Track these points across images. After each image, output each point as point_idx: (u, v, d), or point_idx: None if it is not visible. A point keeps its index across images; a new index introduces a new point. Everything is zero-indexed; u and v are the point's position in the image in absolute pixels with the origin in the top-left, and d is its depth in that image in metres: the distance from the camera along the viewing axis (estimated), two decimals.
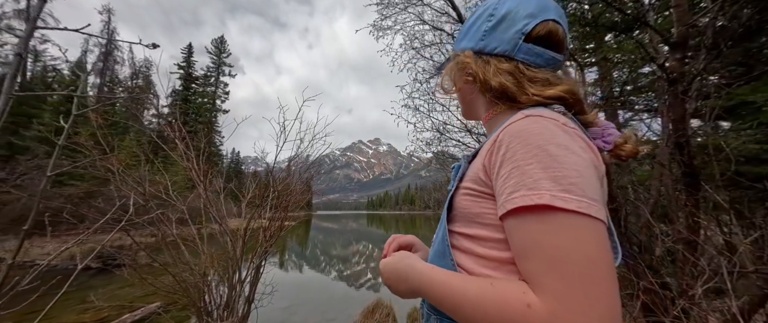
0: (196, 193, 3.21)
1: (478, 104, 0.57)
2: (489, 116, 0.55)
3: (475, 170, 0.46)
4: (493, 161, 0.42)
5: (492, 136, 0.46)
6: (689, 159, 1.57)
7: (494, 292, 0.36)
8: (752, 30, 2.41)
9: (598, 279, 0.32)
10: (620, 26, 2.62)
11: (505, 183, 0.39)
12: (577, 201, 0.34)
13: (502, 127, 0.43)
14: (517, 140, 0.40)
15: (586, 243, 0.33)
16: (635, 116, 4.32)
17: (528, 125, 0.40)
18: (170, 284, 2.63)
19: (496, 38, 0.51)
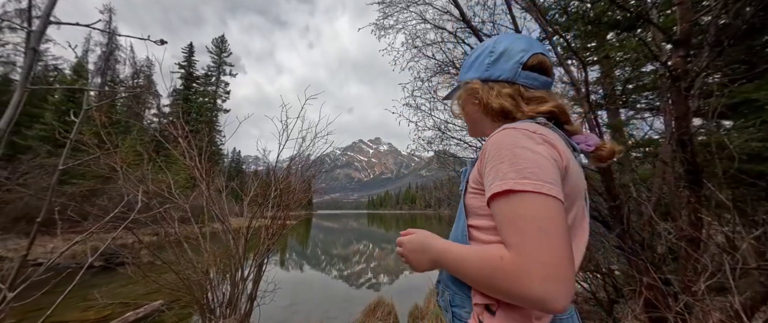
0: (199, 191, 3.22)
1: (484, 124, 0.69)
2: (492, 133, 0.67)
3: (474, 172, 0.60)
4: (482, 165, 0.56)
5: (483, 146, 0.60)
6: (692, 157, 1.57)
7: (482, 252, 0.50)
8: (755, 28, 2.41)
9: (547, 236, 0.43)
10: (623, 24, 2.61)
11: (487, 179, 0.52)
12: (532, 184, 0.46)
13: (489, 139, 0.57)
14: (495, 147, 0.53)
15: (538, 211, 0.45)
16: (637, 114, 4.32)
17: (502, 136, 0.54)
18: (173, 281, 2.64)
19: (499, 68, 0.64)
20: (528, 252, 0.43)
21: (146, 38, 0.77)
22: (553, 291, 0.41)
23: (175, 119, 3.05)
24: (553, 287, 0.41)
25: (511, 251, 0.45)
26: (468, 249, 0.54)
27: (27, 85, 0.59)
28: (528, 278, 0.42)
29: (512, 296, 0.45)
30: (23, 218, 11.39)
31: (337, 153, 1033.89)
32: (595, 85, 4.15)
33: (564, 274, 0.42)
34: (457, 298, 0.59)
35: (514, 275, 0.44)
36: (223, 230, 3.04)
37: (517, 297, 0.44)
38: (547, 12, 3.37)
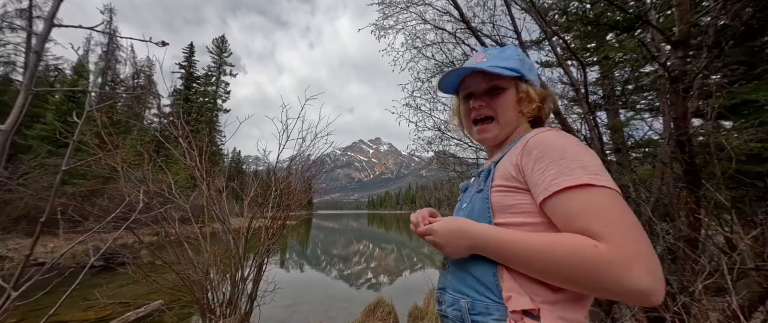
0: (199, 191, 3.23)
1: (512, 124, 0.70)
2: (519, 132, 0.70)
3: (503, 170, 0.60)
4: (525, 162, 0.56)
5: (517, 144, 0.61)
6: (690, 158, 1.57)
7: (563, 239, 0.48)
8: (754, 29, 2.41)
9: (640, 231, 0.45)
10: (622, 25, 2.62)
11: (544, 174, 0.52)
12: (609, 181, 0.49)
13: (525, 138, 0.60)
14: (545, 145, 0.55)
15: (616, 204, 0.47)
16: (637, 115, 4.32)
17: (551, 136, 0.57)
18: (174, 281, 2.65)
19: (534, 77, 0.70)
20: (629, 243, 0.43)
21: (148, 40, 0.78)
22: (657, 284, 0.41)
23: (176, 119, 3.06)
24: (657, 279, 0.41)
25: (606, 241, 0.44)
26: (533, 236, 0.50)
27: (31, 87, 0.60)
28: (636, 269, 0.41)
29: (611, 287, 0.42)
30: (24, 217, 11.41)
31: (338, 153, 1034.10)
32: (595, 85, 4.16)
33: (659, 268, 0.42)
34: (479, 305, 0.53)
35: (618, 265, 0.42)
36: (223, 230, 3.05)
37: (617, 289, 0.42)
38: (546, 13, 3.38)
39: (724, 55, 2.29)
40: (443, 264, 0.68)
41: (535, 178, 0.53)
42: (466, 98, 0.73)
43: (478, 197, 0.62)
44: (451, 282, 0.62)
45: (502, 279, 0.53)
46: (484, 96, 0.69)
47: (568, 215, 0.48)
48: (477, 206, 0.61)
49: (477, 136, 0.72)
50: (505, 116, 0.68)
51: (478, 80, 0.69)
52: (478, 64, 0.67)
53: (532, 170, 0.54)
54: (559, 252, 0.46)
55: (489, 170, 0.64)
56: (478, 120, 0.70)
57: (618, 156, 3.85)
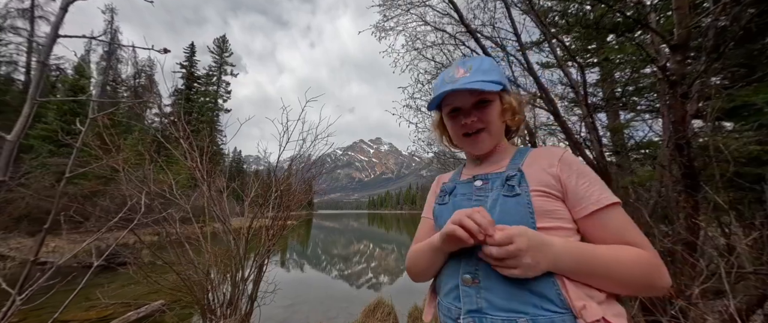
0: (200, 192, 3.24)
1: (499, 136, 0.74)
2: (504, 145, 0.76)
3: (540, 178, 0.62)
4: (566, 174, 0.62)
5: (544, 156, 0.66)
6: (689, 161, 1.58)
7: (626, 252, 0.54)
8: (754, 32, 2.41)
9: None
10: (621, 28, 2.62)
11: (590, 189, 0.60)
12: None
13: (555, 153, 0.66)
14: (579, 163, 0.64)
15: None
16: (637, 116, 4.32)
17: (571, 155, 0.67)
18: (174, 282, 2.67)
19: (506, 82, 0.74)
20: (655, 250, 0.56)
21: (150, 48, 0.79)
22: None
23: (177, 120, 3.07)
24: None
25: (647, 249, 0.55)
26: (600, 249, 0.54)
27: (36, 98, 0.61)
28: (664, 268, 0.55)
29: (658, 285, 0.54)
30: (25, 217, 11.45)
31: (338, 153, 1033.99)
32: (595, 87, 4.16)
33: None
34: (542, 320, 0.50)
35: (662, 267, 0.54)
36: (224, 230, 3.06)
37: (661, 285, 0.54)
38: (546, 14, 3.38)
39: (724, 57, 2.30)
40: (470, 279, 0.58)
41: (581, 190, 0.60)
42: (451, 113, 0.73)
43: (511, 201, 0.61)
44: (493, 301, 0.54)
45: (565, 288, 0.51)
46: (472, 111, 0.71)
47: (619, 227, 0.57)
48: (512, 210, 0.60)
49: (471, 147, 0.74)
50: (494, 126, 0.71)
51: (464, 96, 0.70)
52: (466, 81, 0.68)
53: (576, 183, 0.61)
54: (627, 262, 0.53)
55: (517, 175, 0.64)
56: (470, 133, 0.72)
57: (618, 158, 3.86)
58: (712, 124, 3.05)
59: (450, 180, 0.81)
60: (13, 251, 9.95)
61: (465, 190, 0.72)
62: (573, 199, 0.60)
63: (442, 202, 0.76)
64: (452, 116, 0.74)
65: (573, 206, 0.59)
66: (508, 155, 0.73)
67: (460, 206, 0.69)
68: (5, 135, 0.57)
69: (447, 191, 0.76)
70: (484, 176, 0.71)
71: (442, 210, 0.74)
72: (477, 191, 0.69)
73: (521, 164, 0.67)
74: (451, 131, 0.76)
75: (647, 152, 3.81)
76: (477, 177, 0.72)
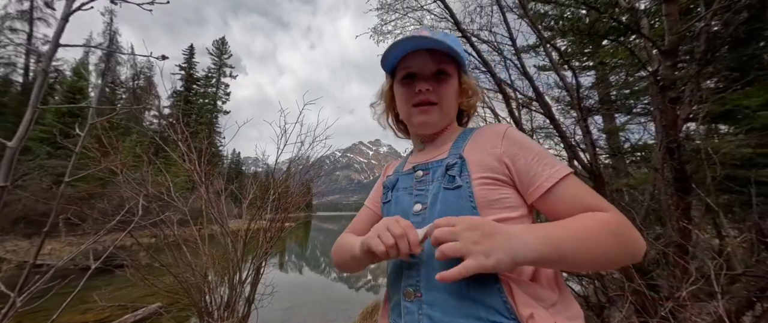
0: (198, 194, 3.25)
1: (451, 118, 0.69)
2: (454, 127, 0.71)
3: (485, 163, 0.57)
4: (512, 153, 0.56)
5: (485, 136, 0.61)
6: (680, 165, 1.61)
7: (592, 223, 0.47)
8: (745, 36, 2.45)
9: None
10: (614, 33, 2.66)
11: (539, 164, 0.54)
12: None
13: (498, 131, 0.60)
14: (520, 139, 0.59)
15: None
16: (633, 119, 4.37)
17: (514, 131, 0.61)
18: (172, 284, 2.67)
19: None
20: (618, 211, 0.50)
21: (149, 55, 0.81)
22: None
23: (175, 122, 3.09)
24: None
25: (610, 211, 0.49)
26: (570, 221, 0.48)
27: (37, 105, 0.63)
28: (636, 231, 0.48)
29: (636, 248, 0.47)
30: (22, 219, 11.39)
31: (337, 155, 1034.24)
32: (591, 90, 4.20)
33: None
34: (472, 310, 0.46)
35: (632, 228, 0.48)
36: (222, 233, 3.06)
37: (639, 248, 0.47)
38: (542, 19, 3.42)
39: (715, 61, 2.33)
40: (411, 292, 0.52)
41: (532, 168, 0.54)
42: (405, 78, 0.64)
43: (452, 195, 0.55)
44: (435, 317, 0.48)
45: (511, 294, 0.46)
46: (430, 80, 0.62)
47: (576, 196, 0.52)
48: (453, 204, 0.54)
49: (417, 118, 0.64)
50: (448, 104, 0.64)
51: (425, 60, 0.62)
52: (431, 42, 0.59)
53: (525, 160, 0.55)
54: (596, 230, 0.46)
55: (458, 163, 0.57)
56: (421, 104, 0.63)
57: (614, 160, 3.89)
58: (705, 127, 3.10)
59: (394, 172, 0.74)
60: (10, 253, 9.88)
61: (406, 183, 0.66)
62: (524, 179, 0.54)
63: (386, 200, 0.69)
64: (406, 82, 0.64)
65: (526, 187, 0.54)
66: (452, 138, 0.66)
67: (401, 203, 0.64)
68: (6, 142, 0.59)
69: (389, 186, 0.69)
70: (425, 165, 0.64)
71: (386, 209, 0.68)
72: (417, 185, 0.63)
73: (463, 149, 0.60)
74: (401, 100, 0.66)
75: (643, 154, 3.85)
76: (418, 167, 0.65)
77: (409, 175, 0.67)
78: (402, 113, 0.69)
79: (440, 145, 0.67)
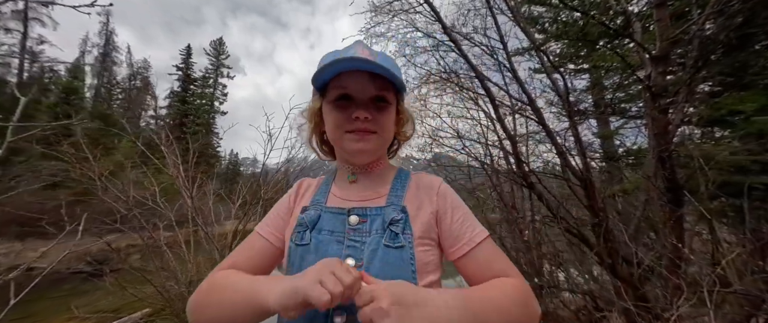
0: (184, 200, 3.17)
1: (385, 148, 0.64)
2: (385, 161, 0.66)
3: (423, 221, 0.56)
4: (442, 211, 0.57)
5: (423, 189, 0.60)
6: (672, 174, 1.55)
7: (499, 291, 0.49)
8: (738, 41, 2.41)
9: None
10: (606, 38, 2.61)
11: (464, 225, 0.56)
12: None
13: (433, 184, 0.61)
14: (452, 195, 0.61)
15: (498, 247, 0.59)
16: (628, 122, 4.33)
17: (446, 185, 0.62)
18: (151, 294, 2.59)
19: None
20: (522, 276, 0.54)
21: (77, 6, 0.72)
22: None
23: (160, 130, 3.01)
24: None
25: (516, 277, 0.53)
26: (482, 291, 0.49)
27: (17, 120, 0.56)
28: (534, 297, 0.52)
29: (533, 313, 0.50)
30: (12, 222, 11.20)
31: None
32: (585, 93, 4.17)
33: None
34: None
35: (531, 295, 0.51)
36: (207, 240, 2.99)
37: (535, 315, 0.50)
38: (536, 23, 3.38)
39: (709, 66, 2.29)
40: None
41: (455, 230, 0.56)
42: (339, 100, 0.56)
43: (394, 254, 0.50)
44: None
45: None
46: (369, 105, 0.55)
47: (488, 260, 0.54)
48: (395, 265, 0.49)
49: (353, 145, 0.56)
50: (387, 133, 0.59)
51: (364, 82, 0.54)
52: (373, 66, 0.52)
53: (451, 220, 0.57)
54: (504, 302, 0.48)
55: (402, 219, 0.54)
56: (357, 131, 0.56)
57: (608, 164, 3.85)
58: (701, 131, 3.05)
59: (312, 203, 0.61)
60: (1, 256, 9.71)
61: (334, 226, 0.56)
62: (448, 239, 0.56)
63: (301, 242, 0.55)
64: (339, 104, 0.56)
65: (447, 246, 0.56)
66: (387, 178, 0.62)
67: (325, 250, 0.53)
68: None
69: (308, 224, 0.56)
70: (362, 211, 0.56)
71: (303, 254, 0.54)
72: (351, 233, 0.54)
73: (403, 199, 0.57)
74: (333, 123, 0.57)
75: (637, 158, 3.80)
76: (353, 211, 0.56)
77: (337, 216, 0.57)
78: (332, 137, 0.60)
79: (375, 180, 0.62)
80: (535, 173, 2.15)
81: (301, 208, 0.61)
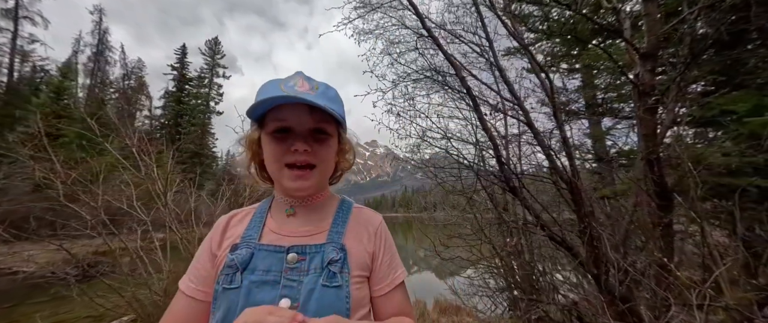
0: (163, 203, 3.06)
1: (328, 176, 0.63)
2: (326, 193, 0.66)
3: (360, 259, 0.58)
4: (377, 248, 0.61)
5: (362, 225, 0.62)
6: (660, 177, 1.47)
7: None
8: (730, 38, 2.34)
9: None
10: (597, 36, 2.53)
11: (391, 265, 0.61)
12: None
13: (372, 222, 0.64)
14: (387, 234, 0.65)
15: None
16: (620, 122, 4.26)
17: (382, 221, 0.67)
18: (124, 302, 2.47)
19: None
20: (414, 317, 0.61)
21: None
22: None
23: (131, 139, 2.90)
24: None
25: (413, 318, 0.60)
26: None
27: None
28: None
29: None
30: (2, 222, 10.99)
31: None
32: (577, 93, 4.09)
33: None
34: None
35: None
36: (182, 244, 2.87)
37: None
38: (525, 20, 3.29)
39: (700, 65, 2.21)
40: None
41: (384, 269, 0.60)
42: (277, 132, 0.55)
43: (331, 293, 0.51)
44: None
45: None
46: (308, 138, 0.55)
47: (401, 302, 0.60)
48: (330, 304, 0.50)
49: (292, 183, 0.55)
50: (327, 166, 0.59)
51: (301, 114, 0.54)
52: (312, 98, 0.52)
53: (381, 261, 0.60)
54: None
55: (340, 260, 0.54)
56: (297, 166, 0.55)
57: (599, 166, 3.77)
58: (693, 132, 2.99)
59: (243, 240, 0.57)
60: None
61: (269, 264, 0.53)
62: (376, 277, 0.59)
63: (230, 285, 0.50)
64: (278, 137, 0.55)
65: (374, 283, 0.59)
66: (329, 211, 0.63)
67: (256, 298, 0.49)
68: None
69: (239, 264, 0.52)
70: (301, 248, 0.55)
71: (231, 298, 0.49)
72: (288, 272, 0.52)
73: (343, 236, 0.59)
74: (271, 156, 0.56)
75: (629, 160, 3.73)
76: (292, 249, 0.54)
77: (274, 253, 0.54)
78: (271, 170, 0.59)
79: (315, 213, 0.62)
80: (520, 176, 2.06)
81: (231, 246, 0.56)
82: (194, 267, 0.58)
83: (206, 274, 0.56)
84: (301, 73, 0.58)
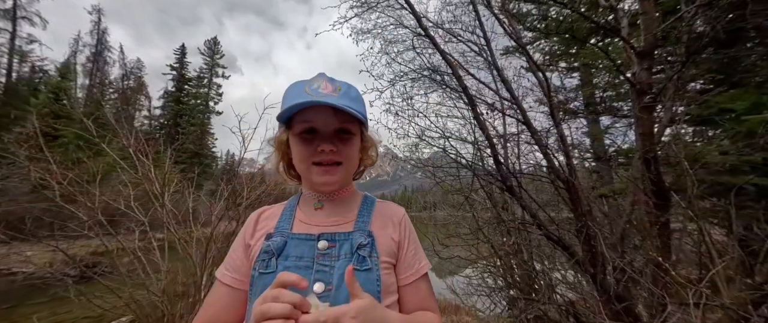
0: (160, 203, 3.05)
1: (353, 172, 0.66)
2: (351, 188, 0.69)
3: (387, 247, 0.60)
4: (402, 238, 0.63)
5: (387, 216, 0.65)
6: (657, 176, 1.46)
7: (428, 319, 0.59)
8: (728, 36, 2.33)
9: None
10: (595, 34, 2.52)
11: (416, 256, 0.63)
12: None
13: (396, 213, 0.67)
14: (411, 226, 0.67)
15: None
16: (618, 121, 4.26)
17: (405, 213, 0.69)
18: (126, 302, 2.47)
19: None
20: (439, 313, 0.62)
21: None
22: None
23: (128, 139, 2.89)
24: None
25: (437, 314, 0.60)
26: (415, 317, 0.57)
27: None
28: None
29: None
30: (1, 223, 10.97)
31: None
32: (575, 92, 4.08)
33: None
34: None
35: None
36: (180, 245, 2.86)
37: None
38: (523, 19, 3.28)
39: (697, 63, 2.21)
40: None
41: (409, 258, 0.61)
42: (304, 133, 0.59)
43: (361, 276, 0.53)
44: None
45: None
46: (333, 138, 0.59)
47: (426, 293, 0.62)
48: (362, 287, 0.50)
49: (321, 180, 0.60)
50: (352, 163, 0.63)
51: (326, 116, 0.57)
52: (335, 100, 0.55)
53: (407, 249, 0.62)
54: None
55: (369, 244, 0.57)
56: (323, 163, 0.60)
57: (598, 164, 3.77)
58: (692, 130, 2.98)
59: (276, 230, 0.61)
60: None
61: (302, 251, 0.57)
62: (402, 266, 0.61)
63: (266, 270, 0.55)
64: (305, 137, 0.59)
65: (400, 273, 0.61)
66: (354, 204, 0.66)
67: (274, 270, 0.54)
68: None
69: (274, 251, 0.56)
70: (331, 236, 0.59)
71: (266, 282, 0.52)
72: (321, 258, 0.56)
73: (370, 224, 0.62)
74: (298, 156, 0.60)
75: (627, 158, 3.73)
76: (322, 236, 0.58)
77: (306, 241, 0.59)
78: (300, 168, 0.63)
79: (343, 210, 0.65)
80: (518, 175, 2.05)
81: (266, 235, 0.61)
82: (230, 257, 0.63)
83: (241, 263, 0.61)
84: (323, 74, 0.61)
